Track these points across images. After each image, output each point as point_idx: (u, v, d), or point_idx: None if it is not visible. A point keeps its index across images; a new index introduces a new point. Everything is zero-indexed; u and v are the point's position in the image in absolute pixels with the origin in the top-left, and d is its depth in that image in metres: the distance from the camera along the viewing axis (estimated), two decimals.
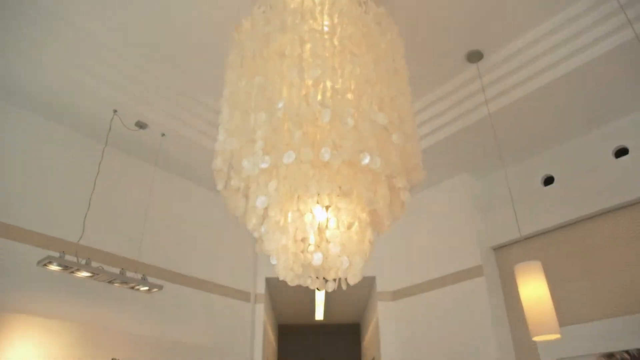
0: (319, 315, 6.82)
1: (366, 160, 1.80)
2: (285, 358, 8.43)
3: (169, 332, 4.30)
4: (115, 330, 3.85)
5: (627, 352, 3.49)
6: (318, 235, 1.85)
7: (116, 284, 3.61)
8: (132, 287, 3.72)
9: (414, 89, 2.55)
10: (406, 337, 4.95)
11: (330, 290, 1.96)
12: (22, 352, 3.22)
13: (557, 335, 2.89)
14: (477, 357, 4.31)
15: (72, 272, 3.37)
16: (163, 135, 4.30)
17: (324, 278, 2.00)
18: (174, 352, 4.05)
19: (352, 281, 1.86)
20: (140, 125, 4.17)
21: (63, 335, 3.47)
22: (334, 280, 1.94)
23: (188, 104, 4.25)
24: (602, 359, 3.59)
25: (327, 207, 1.92)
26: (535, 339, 2.99)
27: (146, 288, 3.75)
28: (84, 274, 3.40)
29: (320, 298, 5.96)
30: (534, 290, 2.94)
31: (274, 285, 5.60)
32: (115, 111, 3.99)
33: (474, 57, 3.81)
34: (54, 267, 3.27)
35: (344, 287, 1.98)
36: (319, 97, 1.86)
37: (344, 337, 8.78)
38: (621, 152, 4.05)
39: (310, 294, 5.98)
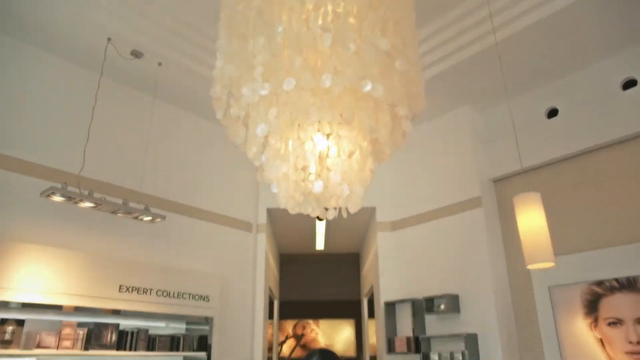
0: (320, 245, 6.99)
1: (368, 87, 1.75)
2: (287, 286, 8.76)
3: (173, 261, 4.42)
4: (121, 259, 3.96)
5: (616, 280, 3.61)
6: (319, 163, 1.84)
7: (120, 214, 3.66)
8: (136, 217, 3.78)
9: (419, 14, 2.43)
10: (404, 267, 5.10)
11: (330, 218, 1.98)
12: (31, 280, 3.33)
13: (552, 264, 2.97)
14: (472, 285, 4.46)
15: (76, 202, 3.41)
16: (160, 64, 4.19)
17: (325, 208, 2.02)
18: (179, 280, 4.19)
19: (353, 209, 1.87)
20: (136, 54, 4.05)
21: (71, 264, 3.57)
22: (335, 208, 1.95)
23: (185, 32, 4.10)
24: (593, 287, 3.72)
25: (327, 135, 1.89)
26: (530, 267, 3.07)
27: (149, 218, 3.81)
28: (87, 204, 3.44)
29: (320, 228, 6.07)
30: (531, 220, 2.98)
31: (276, 216, 5.70)
32: (109, 39, 3.86)
33: None
34: (57, 198, 3.31)
35: (344, 215, 1.99)
36: (320, 21, 1.78)
37: (344, 266, 9.06)
38: (629, 83, 3.95)
39: (310, 225, 6.09)
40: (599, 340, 3.64)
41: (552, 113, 4.41)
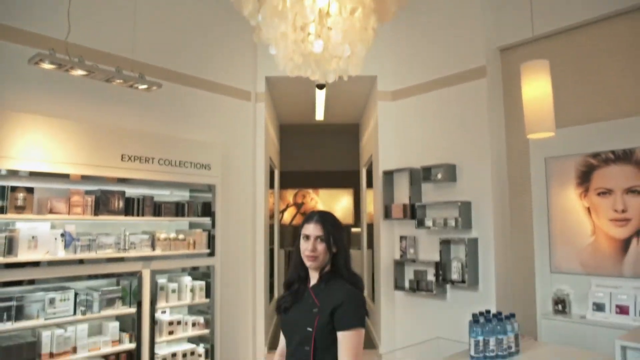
0: (319, 115, 6.96)
1: None
2: (287, 156, 8.91)
3: (173, 130, 4.42)
4: (121, 129, 3.95)
5: (612, 152, 3.64)
6: (319, 21, 1.71)
7: (114, 82, 3.56)
8: (131, 86, 3.68)
9: None
10: (403, 137, 5.13)
11: (330, 81, 1.90)
12: (35, 150, 3.35)
13: (552, 134, 2.97)
14: (470, 155, 4.53)
15: (67, 70, 3.28)
16: None
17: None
18: (180, 148, 4.23)
19: (354, 72, 1.79)
20: None
21: (72, 134, 3.57)
22: (335, 71, 1.86)
23: None
24: (588, 159, 3.77)
25: None
26: (530, 136, 3.08)
27: (145, 86, 3.71)
28: (79, 72, 3.32)
29: (320, 98, 5.98)
30: (537, 89, 2.92)
31: (275, 84, 5.58)
32: None
33: None
34: (47, 66, 3.18)
35: (345, 79, 1.92)
36: None
37: (344, 137, 9.13)
38: None
39: (310, 94, 5.99)
40: (587, 208, 3.79)
41: None
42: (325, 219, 1.90)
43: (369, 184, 6.72)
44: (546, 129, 2.89)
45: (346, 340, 1.75)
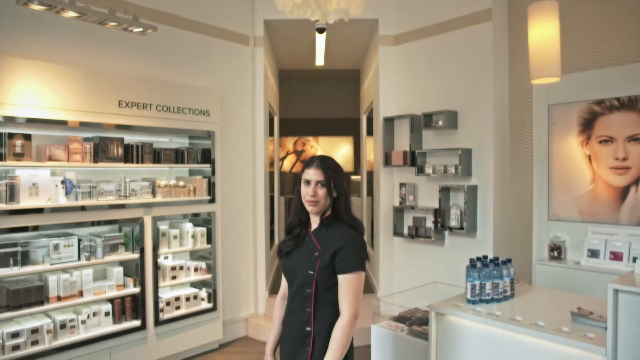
0: (319, 60, 6.80)
1: None
2: (287, 103, 8.80)
3: (170, 76, 4.33)
4: (117, 75, 3.87)
5: (617, 99, 3.58)
6: None
7: (108, 25, 3.46)
8: (126, 29, 3.58)
9: None
10: (405, 83, 5.04)
11: (331, 22, 1.84)
12: (30, 96, 3.29)
13: (557, 79, 2.91)
14: (472, 102, 4.46)
15: (57, 12, 3.18)
16: None
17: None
18: (178, 94, 4.16)
19: (355, 12, 1.72)
20: None
21: (68, 80, 3.49)
22: (335, 12, 1.78)
23: None
24: (592, 106, 3.71)
25: None
26: (534, 82, 3.02)
27: (140, 29, 3.61)
28: (70, 14, 3.22)
29: (320, 42, 5.83)
30: (544, 32, 2.83)
31: (273, 28, 5.42)
32: None
33: None
34: (36, 7, 3.08)
35: (346, 19, 1.85)
36: None
37: (344, 83, 8.99)
38: None
39: (310, 39, 5.83)
40: (587, 156, 3.77)
41: None
42: (326, 163, 1.90)
43: (369, 132, 6.67)
44: (551, 73, 2.83)
45: (346, 283, 1.80)
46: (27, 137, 3.36)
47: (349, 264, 1.80)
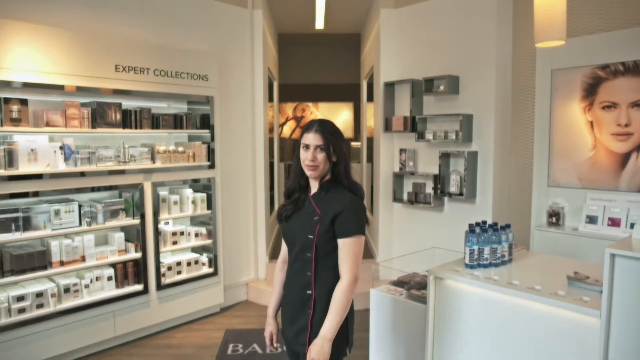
0: (319, 23, 6.66)
1: None
2: (287, 69, 8.67)
3: (167, 39, 4.25)
4: (113, 38, 3.79)
5: (622, 63, 3.52)
6: None
7: None
8: None
9: None
10: (406, 47, 4.94)
11: None
12: (25, 60, 3.23)
13: (562, 42, 2.85)
14: (474, 67, 4.39)
15: None
16: None
17: None
18: (176, 58, 4.09)
19: None
20: None
21: (63, 43, 3.42)
22: None
23: None
24: (596, 70, 3.65)
25: None
26: (539, 45, 2.96)
27: None
28: None
29: (320, 5, 5.69)
30: None
31: None
32: None
33: None
34: None
35: None
36: None
37: (344, 48, 8.83)
38: None
39: (310, 1, 5.69)
40: (589, 122, 3.74)
41: None
42: (325, 127, 1.87)
43: (370, 97, 6.60)
44: (556, 36, 2.77)
45: (346, 247, 1.81)
46: (24, 102, 3.32)
47: (348, 228, 1.81)
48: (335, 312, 1.78)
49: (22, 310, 3.31)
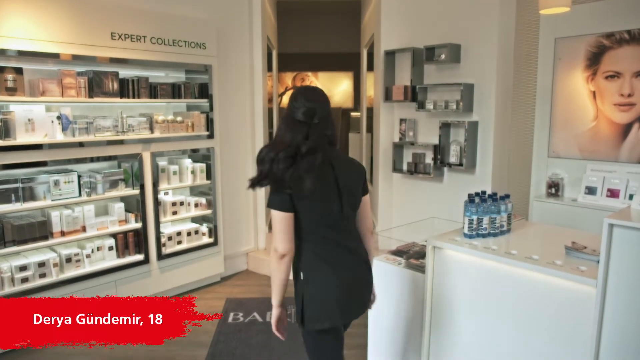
0: None
1: None
2: (286, 38, 8.52)
3: (164, 6, 4.15)
4: (110, 4, 3.70)
5: (628, 31, 3.46)
6: None
7: None
8: None
9: None
10: (407, 15, 4.84)
11: None
12: (18, 27, 3.17)
13: (567, 8, 2.79)
14: (477, 35, 4.31)
15: None
16: None
17: None
18: (173, 26, 4.00)
19: None
20: None
21: (56, 10, 3.34)
22: None
23: None
24: (601, 39, 3.59)
25: None
26: (543, 12, 2.90)
27: None
28: None
29: None
30: None
31: None
32: None
33: None
34: None
35: None
36: None
37: (344, 16, 8.66)
38: None
39: None
40: (592, 92, 3.70)
41: None
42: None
43: (370, 67, 6.51)
44: (561, 3, 2.71)
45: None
46: (19, 71, 3.27)
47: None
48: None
49: (25, 280, 3.35)
